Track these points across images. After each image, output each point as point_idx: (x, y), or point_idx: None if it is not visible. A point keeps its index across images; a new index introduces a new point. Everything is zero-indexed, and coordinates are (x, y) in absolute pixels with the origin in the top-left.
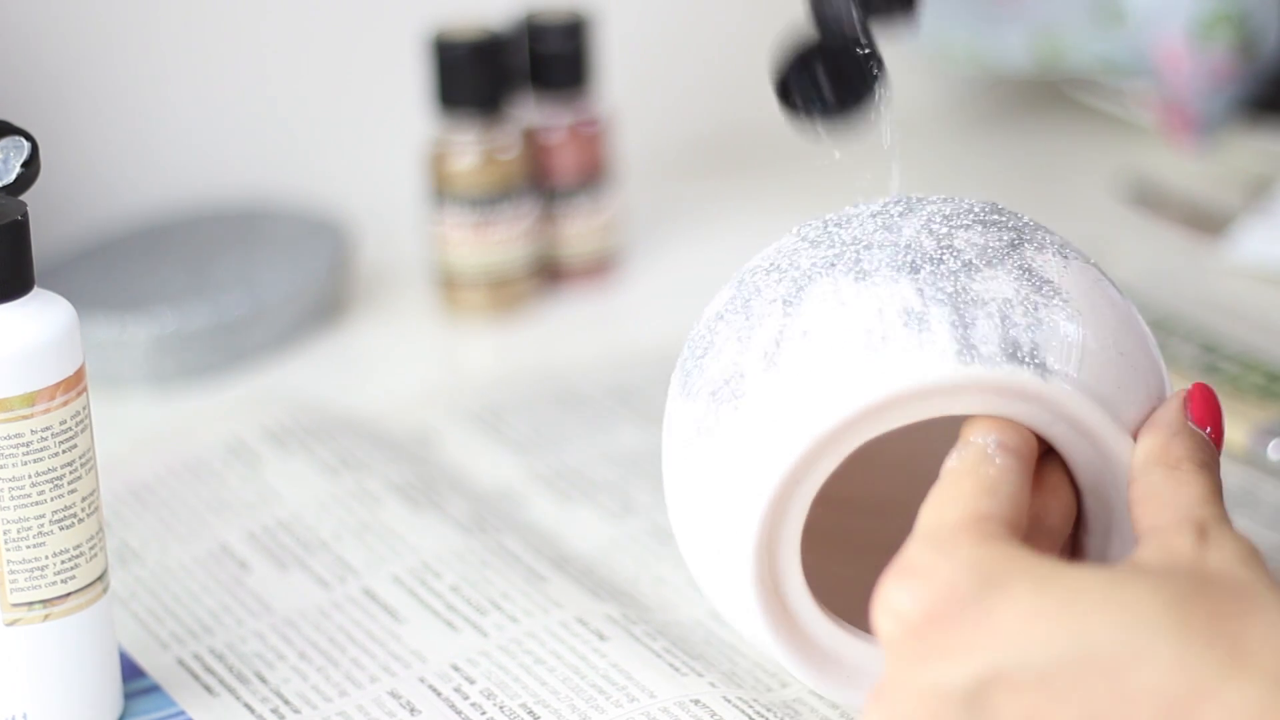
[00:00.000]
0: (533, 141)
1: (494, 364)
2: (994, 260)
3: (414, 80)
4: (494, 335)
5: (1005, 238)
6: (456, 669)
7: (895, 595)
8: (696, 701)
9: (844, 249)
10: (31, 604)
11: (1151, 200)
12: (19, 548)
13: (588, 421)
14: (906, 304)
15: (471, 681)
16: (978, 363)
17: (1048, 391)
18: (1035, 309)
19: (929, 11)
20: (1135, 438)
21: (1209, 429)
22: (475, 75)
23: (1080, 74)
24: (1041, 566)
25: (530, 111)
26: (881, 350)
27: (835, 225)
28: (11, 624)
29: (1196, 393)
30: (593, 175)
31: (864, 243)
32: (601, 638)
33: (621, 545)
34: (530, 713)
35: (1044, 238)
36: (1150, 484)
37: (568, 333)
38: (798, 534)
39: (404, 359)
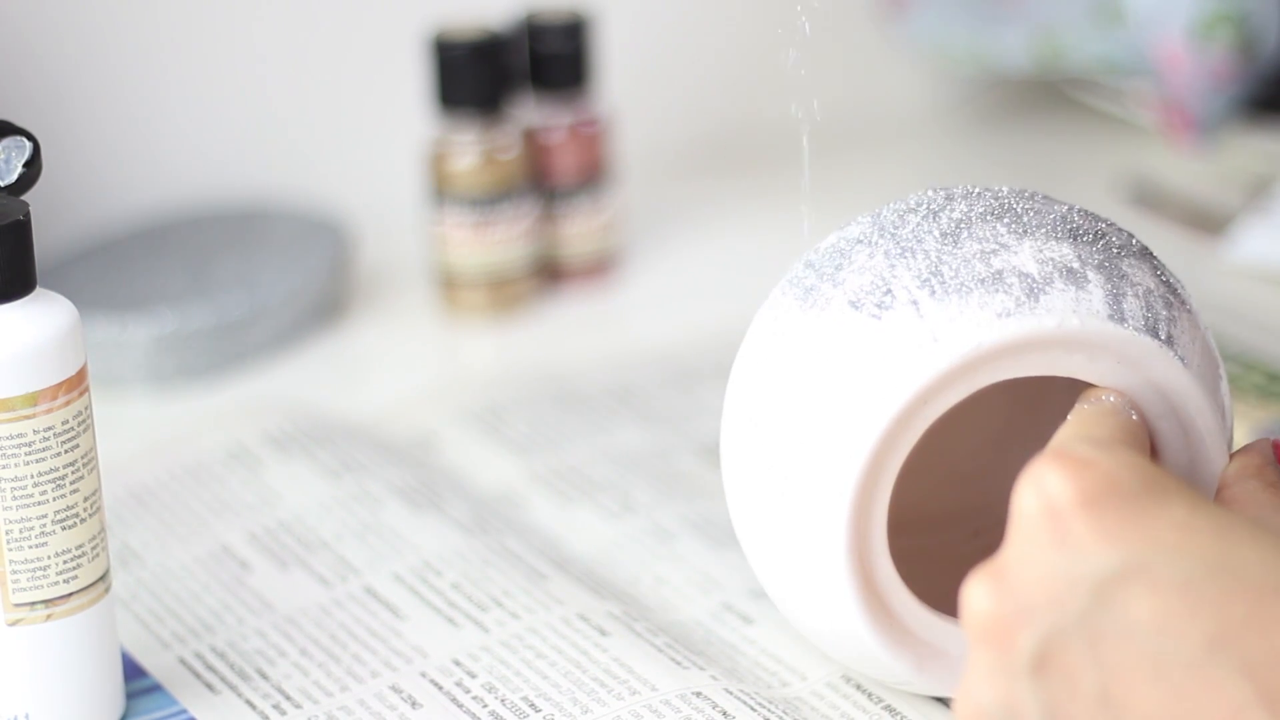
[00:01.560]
0: (533, 141)
1: (494, 364)
2: (1137, 254)
3: (414, 80)
4: (494, 335)
5: (1138, 241)
6: (458, 664)
7: (1051, 477)
8: (698, 694)
9: (994, 204)
10: (34, 604)
11: (1151, 200)
12: (21, 548)
13: (588, 421)
14: (1066, 262)
15: (473, 676)
16: (1129, 327)
17: (1179, 377)
18: (1170, 306)
19: (929, 11)
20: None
21: None
22: (475, 75)
23: (1080, 74)
24: (1197, 492)
25: (530, 111)
26: (1040, 294)
27: (969, 189)
28: (14, 624)
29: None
30: (593, 175)
31: (1014, 208)
32: (603, 633)
33: (622, 545)
34: (532, 706)
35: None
36: (1246, 490)
37: (568, 333)
38: (901, 460)
39: (404, 359)
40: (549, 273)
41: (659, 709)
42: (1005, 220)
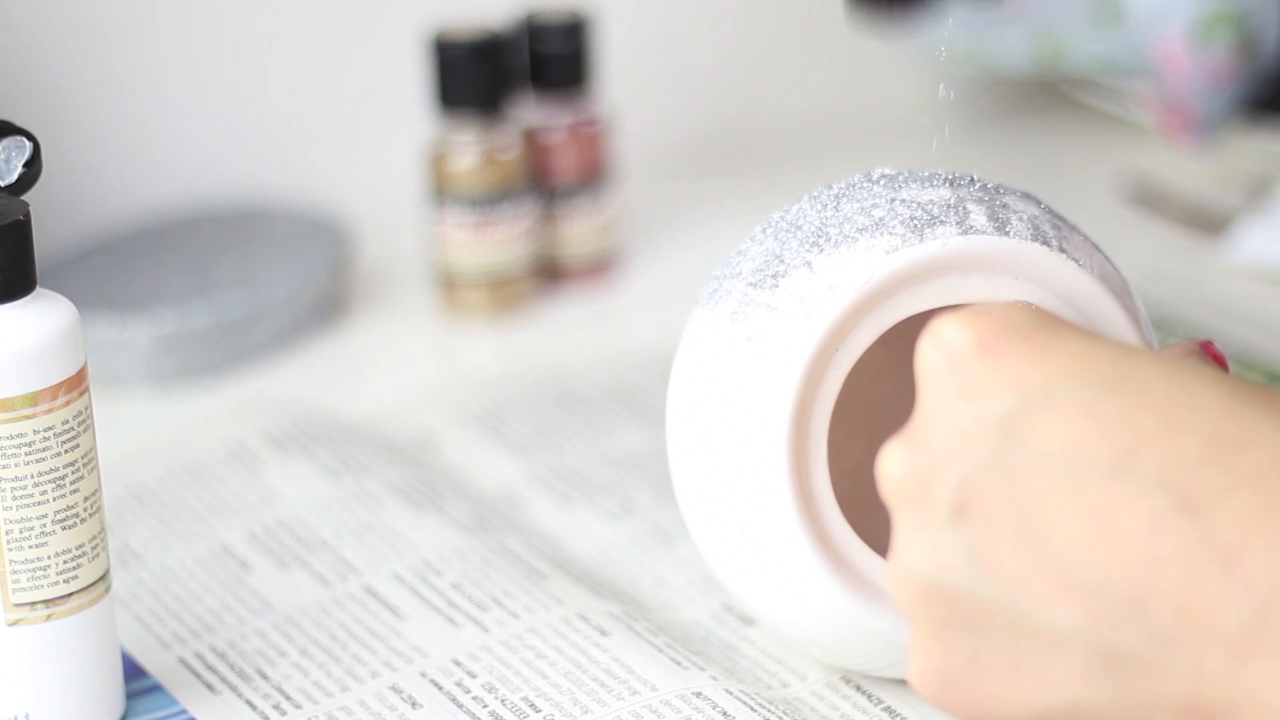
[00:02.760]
0: (533, 141)
1: (494, 364)
2: (1018, 194)
3: (414, 80)
4: (494, 335)
5: (1021, 189)
6: (458, 664)
7: (949, 329)
8: (698, 694)
9: (868, 177)
10: (34, 604)
11: (1151, 200)
12: (21, 548)
13: (588, 422)
14: (944, 200)
15: (473, 676)
16: (1016, 238)
17: (1078, 278)
18: (1058, 228)
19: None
20: None
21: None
22: (475, 75)
23: (1080, 74)
24: (1094, 331)
25: (530, 111)
26: (926, 229)
27: (854, 176)
28: (14, 624)
29: (1208, 343)
30: (593, 175)
31: (889, 175)
32: (603, 633)
33: (621, 546)
34: (532, 706)
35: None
36: None
37: (568, 333)
38: (830, 403)
39: (404, 359)
40: (549, 273)
41: (659, 709)
42: (880, 184)
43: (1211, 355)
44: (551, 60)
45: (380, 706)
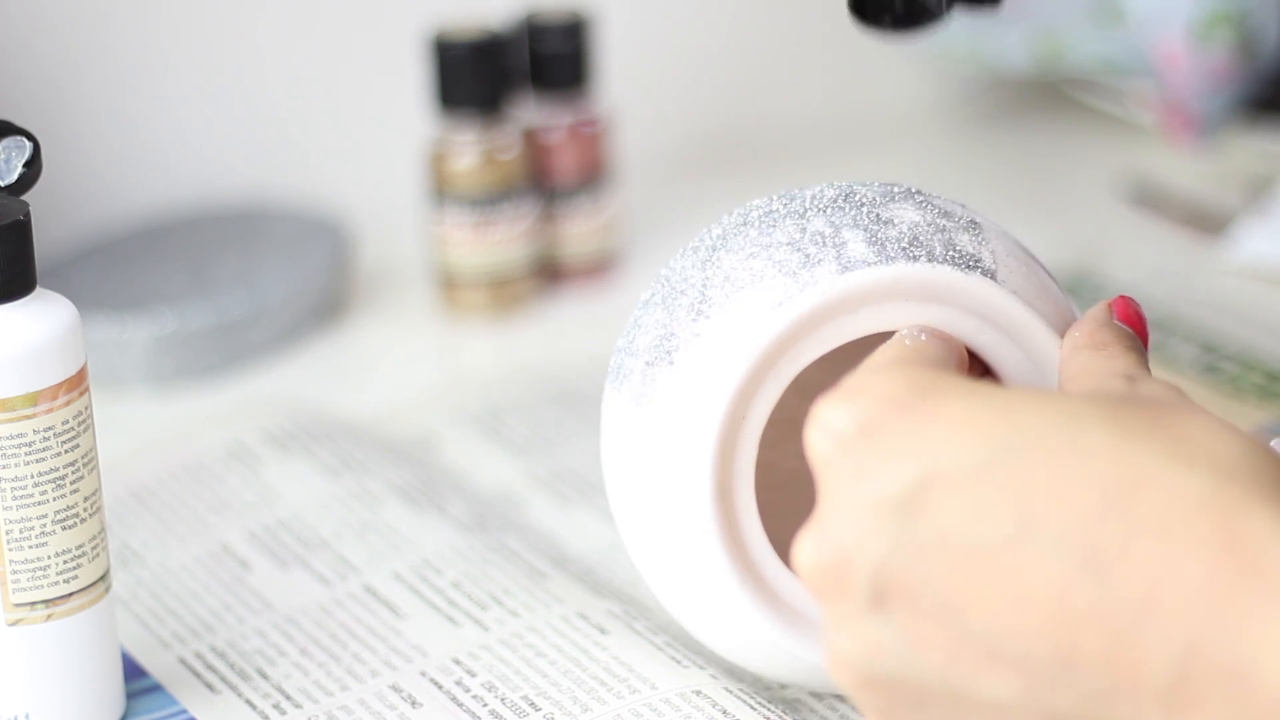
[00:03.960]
0: (533, 141)
1: (494, 364)
2: (897, 198)
3: (414, 80)
4: (494, 335)
5: (901, 187)
6: (458, 663)
7: (831, 413)
8: (698, 692)
9: (744, 215)
10: (34, 604)
11: (1151, 200)
12: (21, 548)
13: (588, 422)
14: (821, 233)
15: (473, 675)
16: (894, 263)
17: (970, 284)
18: (943, 230)
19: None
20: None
21: (1135, 331)
22: (475, 75)
23: (1080, 74)
24: (976, 383)
25: (530, 111)
26: (803, 270)
27: (732, 211)
28: (14, 624)
29: (1120, 299)
30: (593, 175)
31: (766, 208)
32: (603, 631)
33: (621, 547)
34: (532, 704)
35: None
36: (1078, 362)
37: (568, 333)
38: (750, 469)
39: (404, 359)
40: (549, 273)
41: (659, 707)
42: (755, 226)
43: (1123, 318)
44: (551, 60)
45: (380, 705)
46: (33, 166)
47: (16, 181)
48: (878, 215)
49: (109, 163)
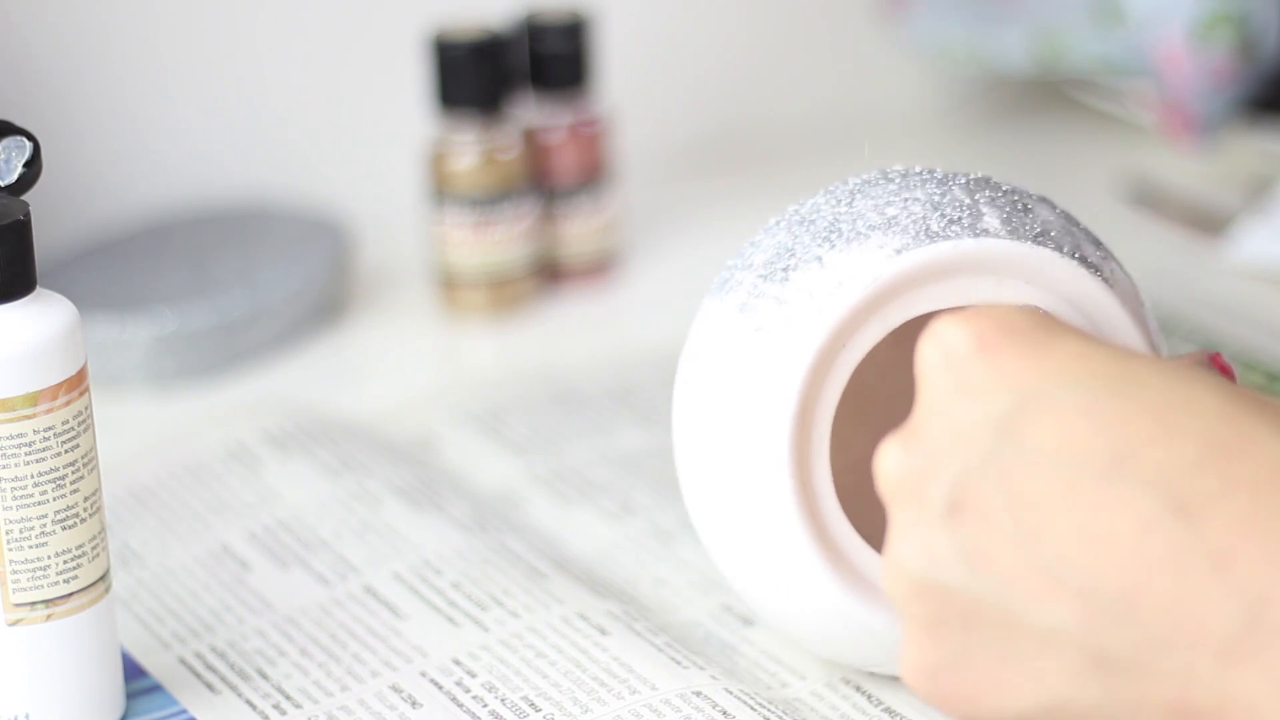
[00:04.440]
0: (533, 141)
1: (494, 364)
2: (1033, 197)
3: (414, 80)
4: (494, 335)
5: (1036, 193)
6: (458, 663)
7: (949, 329)
8: (698, 693)
9: (884, 173)
10: (34, 604)
11: (1151, 200)
12: (21, 548)
13: (588, 422)
14: (959, 199)
15: (473, 675)
16: (1027, 242)
17: (1088, 284)
18: (1071, 234)
19: (929, 11)
20: None
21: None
22: (475, 75)
23: (1080, 74)
24: (1093, 335)
25: (530, 111)
26: (938, 230)
27: (871, 174)
28: (14, 624)
29: (1216, 355)
30: (593, 175)
31: (907, 173)
32: (603, 632)
33: (621, 546)
34: (532, 705)
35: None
36: None
37: (568, 333)
38: (833, 405)
39: (404, 359)
40: (549, 273)
41: (659, 708)
42: (896, 182)
43: (1218, 367)
44: (551, 60)
45: (380, 706)
46: (33, 166)
47: (16, 181)
48: (1015, 202)
49: (109, 163)
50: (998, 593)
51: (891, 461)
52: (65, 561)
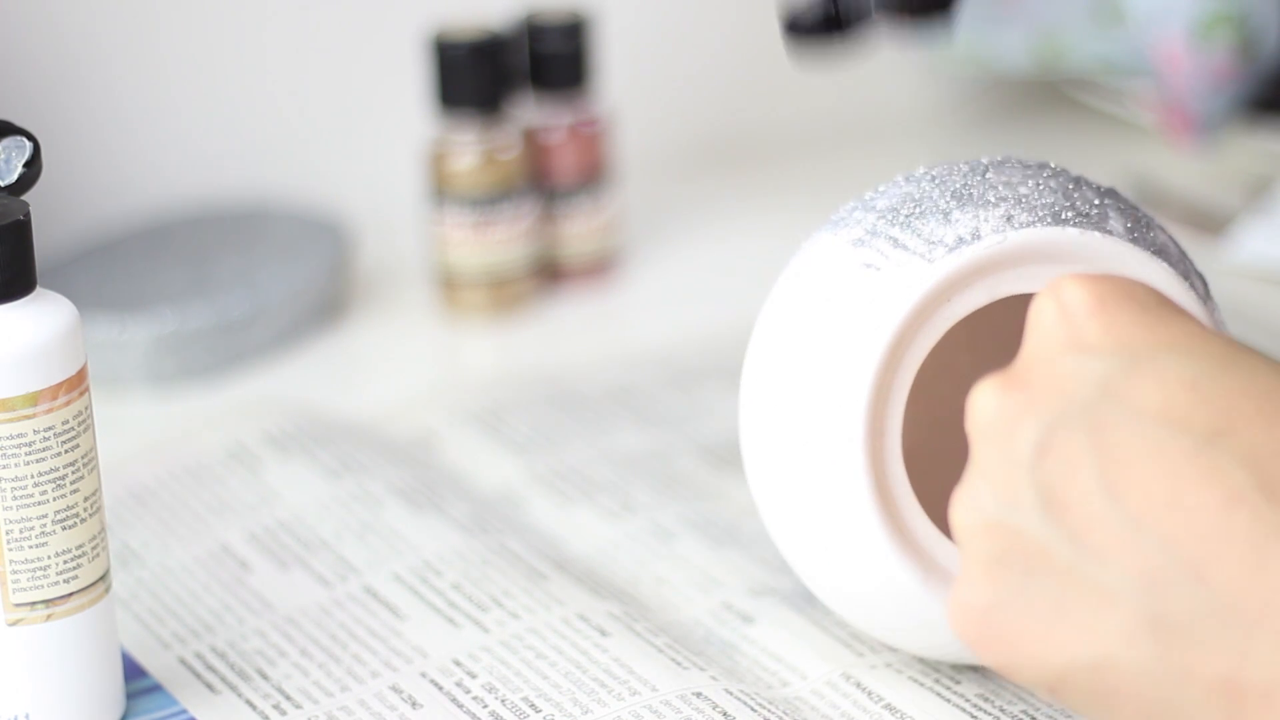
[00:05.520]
0: (533, 141)
1: (494, 364)
2: (1153, 218)
3: (414, 80)
4: (494, 335)
5: (1157, 220)
6: (458, 664)
7: (1069, 288)
8: (698, 694)
9: (1022, 159)
10: (34, 604)
11: (1151, 200)
12: (21, 548)
13: (588, 422)
14: (1090, 199)
15: (473, 676)
16: (1150, 252)
17: (1199, 311)
18: (1184, 261)
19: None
20: None
21: None
22: (475, 75)
23: (1080, 74)
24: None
25: (530, 111)
26: (1062, 213)
27: (999, 156)
28: (14, 624)
29: None
30: (593, 175)
31: (1039, 163)
32: (603, 633)
33: (621, 546)
34: (532, 706)
35: None
36: None
37: (568, 333)
38: (921, 357)
39: (404, 359)
40: (549, 273)
41: (659, 709)
42: (1031, 168)
43: None
44: (551, 60)
45: (380, 706)
46: (33, 166)
47: (16, 181)
48: (1139, 218)
49: (109, 163)
50: (1068, 541)
51: (987, 400)
52: (65, 561)
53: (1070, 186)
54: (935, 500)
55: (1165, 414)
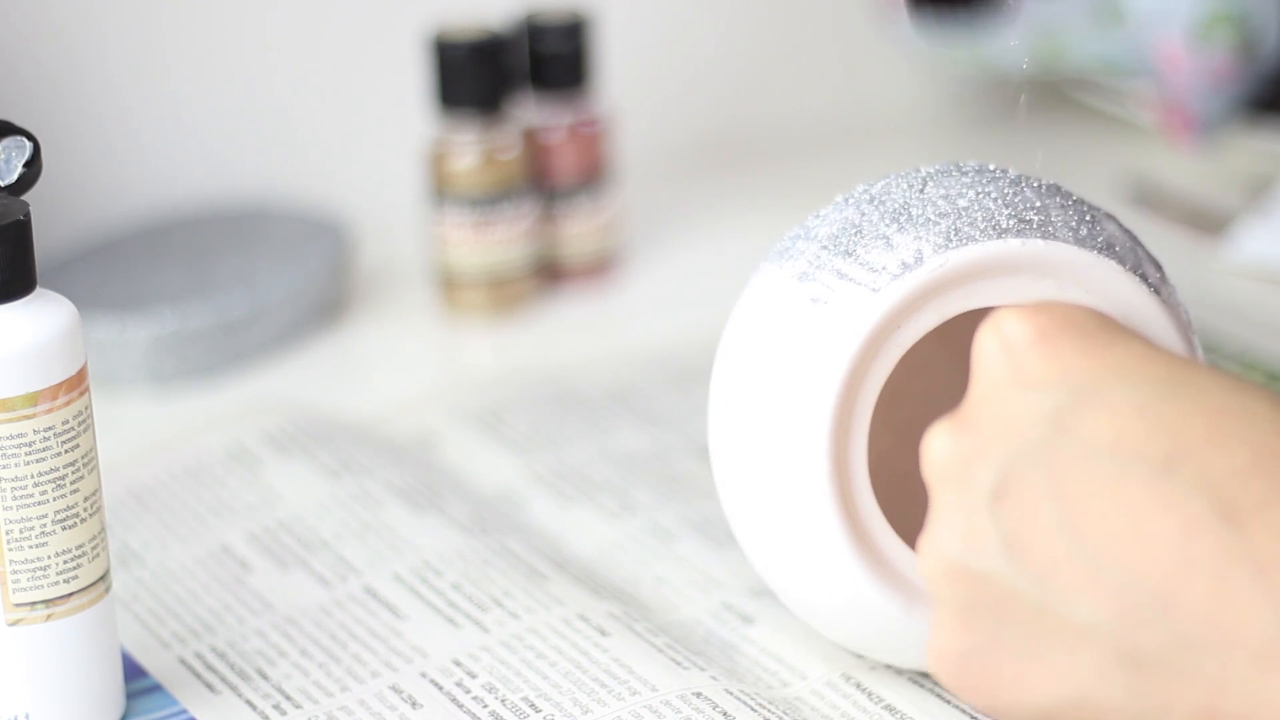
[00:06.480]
0: (533, 141)
1: (494, 364)
2: (1101, 210)
3: (414, 80)
4: (494, 335)
5: (1103, 210)
6: (458, 664)
7: (1010, 321)
8: (698, 694)
9: (957, 167)
10: (34, 604)
11: (1151, 200)
12: (21, 548)
13: (588, 422)
14: (1029, 202)
15: (473, 676)
16: (1096, 252)
17: (1148, 304)
18: (1135, 253)
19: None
20: None
21: None
22: (475, 75)
23: (1080, 74)
24: (1154, 342)
25: (530, 111)
26: (1007, 227)
27: (940, 165)
28: (14, 624)
29: None
30: (593, 175)
31: (980, 169)
32: (603, 633)
33: (621, 546)
34: (532, 706)
35: None
36: None
37: (568, 333)
38: (879, 384)
39: (404, 359)
40: (549, 273)
41: (659, 709)
42: (970, 175)
43: None
44: (551, 60)
45: (380, 706)
46: (33, 166)
47: (16, 181)
48: (1083, 212)
49: (109, 163)
50: (1035, 583)
51: (940, 444)
52: (65, 561)
53: (1010, 192)
54: (909, 510)
55: (1117, 445)
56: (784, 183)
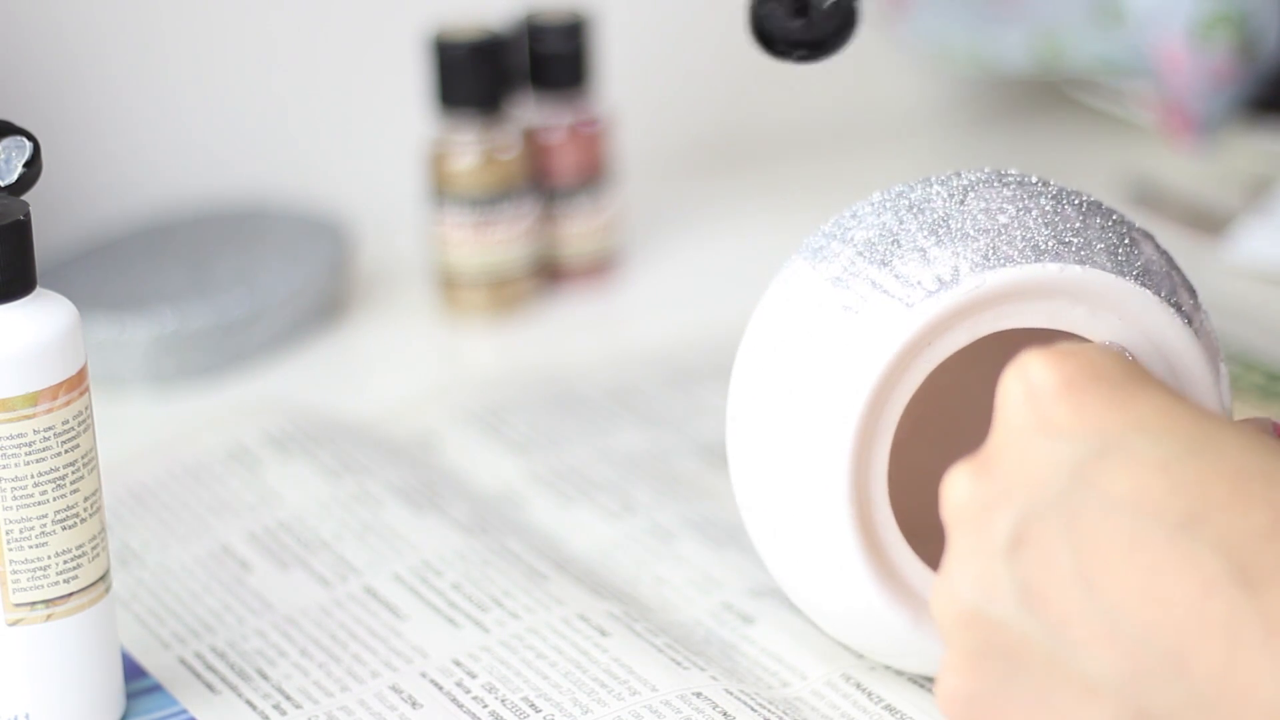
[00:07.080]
0: (533, 141)
1: (494, 364)
2: (1141, 234)
3: (414, 80)
4: (494, 335)
5: (1142, 226)
6: (458, 664)
7: (1035, 366)
8: (698, 694)
9: (998, 175)
10: (34, 604)
11: (1151, 200)
12: (21, 548)
13: (588, 422)
14: (1070, 223)
15: (473, 676)
16: (1133, 281)
17: (1180, 336)
18: (1171, 279)
19: (929, 11)
20: None
21: None
22: (475, 75)
23: (1080, 74)
24: (1178, 390)
25: (530, 111)
26: (1044, 245)
27: (980, 168)
28: (14, 624)
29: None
30: (593, 175)
31: (1022, 180)
32: (603, 633)
33: (621, 546)
34: (532, 706)
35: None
36: None
37: (568, 333)
38: (906, 398)
39: (404, 359)
40: (549, 273)
41: (659, 709)
42: (1011, 187)
43: (1278, 434)
44: (551, 60)
45: (380, 706)
46: (33, 166)
47: (16, 181)
48: (1122, 234)
49: (109, 163)
50: (1048, 633)
51: (960, 488)
52: (65, 561)
53: (1051, 209)
54: (928, 520)
55: (1138, 501)
56: (784, 183)
